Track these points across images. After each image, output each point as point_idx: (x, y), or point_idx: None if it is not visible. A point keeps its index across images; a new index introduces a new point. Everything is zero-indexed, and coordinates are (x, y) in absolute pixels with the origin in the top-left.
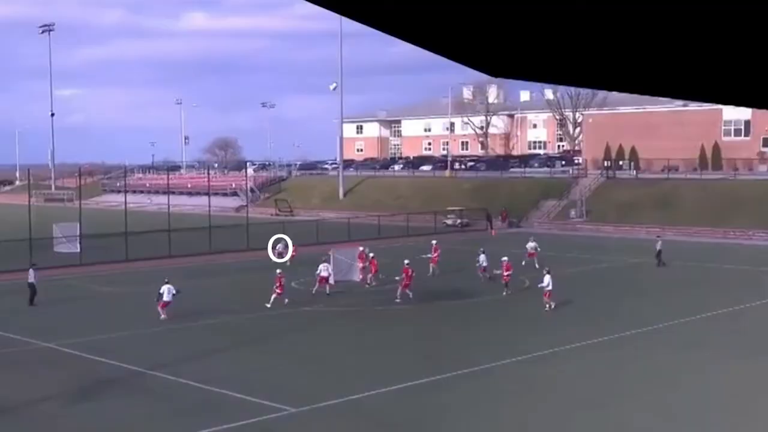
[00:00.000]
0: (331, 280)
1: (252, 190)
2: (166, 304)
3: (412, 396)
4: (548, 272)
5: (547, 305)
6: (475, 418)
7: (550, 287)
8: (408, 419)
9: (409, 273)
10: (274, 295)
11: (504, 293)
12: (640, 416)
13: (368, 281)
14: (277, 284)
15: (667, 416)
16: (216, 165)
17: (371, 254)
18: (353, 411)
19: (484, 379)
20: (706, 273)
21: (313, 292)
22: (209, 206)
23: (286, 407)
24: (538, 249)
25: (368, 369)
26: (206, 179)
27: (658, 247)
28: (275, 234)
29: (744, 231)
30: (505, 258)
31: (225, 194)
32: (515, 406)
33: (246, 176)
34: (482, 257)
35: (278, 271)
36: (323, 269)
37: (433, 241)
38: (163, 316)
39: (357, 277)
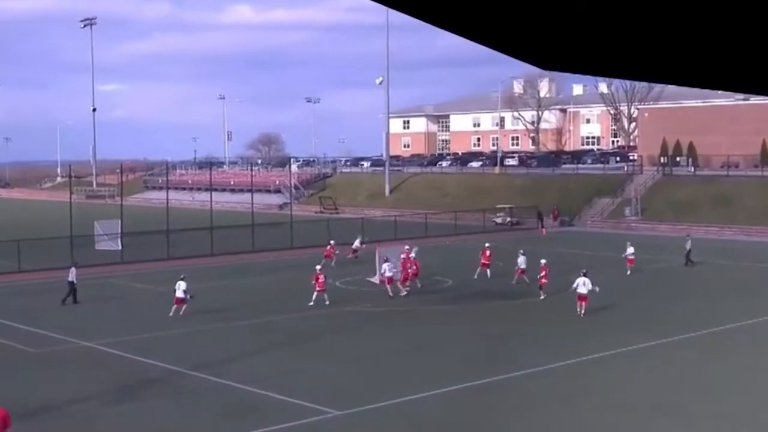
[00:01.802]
0: (376, 279)
1: (296, 187)
2: (179, 301)
3: (457, 399)
4: (585, 274)
5: (579, 310)
6: (521, 422)
7: (583, 290)
8: (453, 422)
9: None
10: (315, 293)
11: (540, 297)
12: (696, 422)
13: (406, 284)
14: (315, 281)
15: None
16: (259, 161)
17: (412, 255)
18: (397, 414)
19: (528, 383)
20: (764, 273)
21: (390, 294)
22: (252, 203)
23: (330, 410)
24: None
25: (411, 371)
26: (249, 176)
27: (688, 246)
28: (322, 232)
29: None
30: (543, 260)
31: (268, 191)
32: (563, 410)
33: (290, 173)
34: (521, 258)
35: (318, 267)
36: (387, 268)
37: (486, 244)
38: (170, 314)
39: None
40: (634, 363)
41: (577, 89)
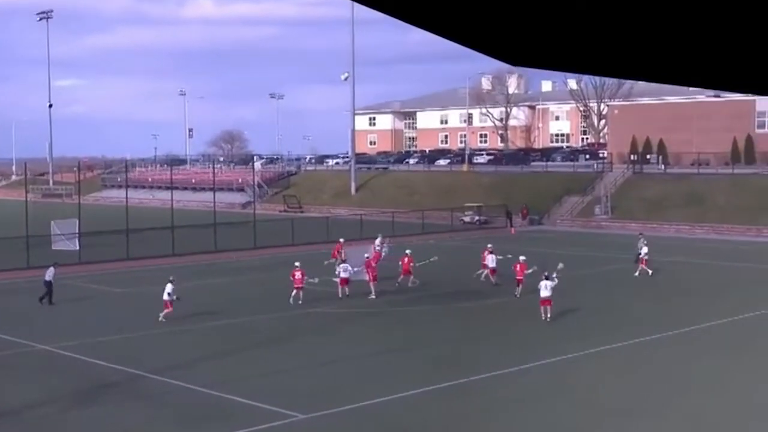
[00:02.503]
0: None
1: (259, 186)
2: (166, 304)
3: (426, 401)
4: (547, 277)
5: (545, 315)
6: (491, 424)
7: (546, 293)
8: (421, 426)
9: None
10: (294, 291)
11: (516, 294)
12: (672, 425)
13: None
14: (292, 278)
15: (702, 425)
16: (222, 159)
17: (407, 251)
18: (364, 417)
19: (499, 385)
20: (736, 274)
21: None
22: (214, 202)
23: (294, 413)
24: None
25: (379, 373)
26: (211, 174)
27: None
28: (286, 232)
29: None
30: (522, 258)
31: (231, 190)
32: (534, 411)
33: (253, 171)
34: (490, 257)
35: (297, 264)
36: (341, 270)
37: (489, 245)
38: (161, 318)
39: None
40: (606, 363)
41: (546, 86)
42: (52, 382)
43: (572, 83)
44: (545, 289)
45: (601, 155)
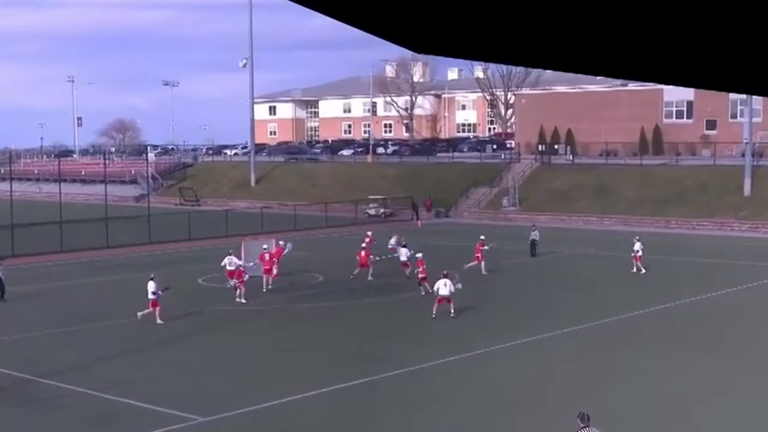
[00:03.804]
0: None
1: (153, 178)
2: (155, 303)
3: (329, 402)
4: (446, 275)
5: (449, 311)
6: (396, 424)
7: (444, 292)
8: (325, 427)
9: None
10: (239, 290)
11: (422, 293)
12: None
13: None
14: (235, 276)
15: (608, 417)
16: (113, 150)
17: (418, 255)
18: (265, 419)
19: (405, 383)
20: (646, 266)
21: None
22: (105, 195)
23: (194, 416)
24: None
25: (281, 373)
26: (102, 165)
27: (533, 236)
28: (182, 226)
29: (687, 221)
30: (420, 254)
31: (123, 182)
32: (440, 410)
33: (147, 162)
34: (403, 250)
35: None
36: (228, 262)
37: (482, 236)
38: (158, 321)
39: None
40: (514, 359)
41: (452, 74)
42: None
43: (479, 71)
44: (444, 287)
45: (508, 145)
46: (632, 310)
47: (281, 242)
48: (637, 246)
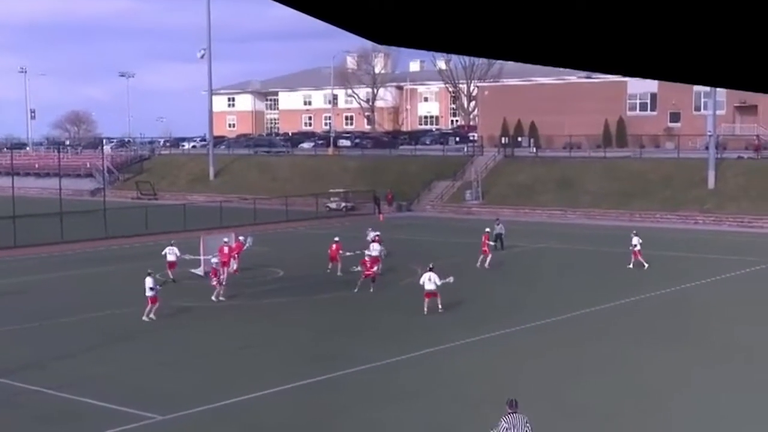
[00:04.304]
0: (200, 271)
1: (109, 171)
2: (153, 300)
3: (292, 398)
4: (431, 269)
5: (436, 307)
6: (360, 420)
7: (431, 287)
8: (287, 424)
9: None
10: (218, 288)
11: (371, 290)
12: (542, 413)
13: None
14: (214, 275)
15: (569, 412)
16: (68, 142)
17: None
18: (226, 417)
19: (369, 379)
20: (608, 258)
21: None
22: (60, 189)
23: (152, 414)
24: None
25: (241, 370)
26: (56, 158)
27: (498, 229)
28: (139, 220)
29: (651, 214)
30: (376, 252)
31: (78, 175)
32: (404, 406)
33: (102, 155)
34: (374, 245)
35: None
36: (168, 252)
37: (487, 229)
38: (151, 315)
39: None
40: (480, 354)
41: (414, 65)
42: None
43: (441, 63)
44: (429, 281)
45: (471, 138)
46: (601, 302)
47: (241, 237)
48: (635, 240)
